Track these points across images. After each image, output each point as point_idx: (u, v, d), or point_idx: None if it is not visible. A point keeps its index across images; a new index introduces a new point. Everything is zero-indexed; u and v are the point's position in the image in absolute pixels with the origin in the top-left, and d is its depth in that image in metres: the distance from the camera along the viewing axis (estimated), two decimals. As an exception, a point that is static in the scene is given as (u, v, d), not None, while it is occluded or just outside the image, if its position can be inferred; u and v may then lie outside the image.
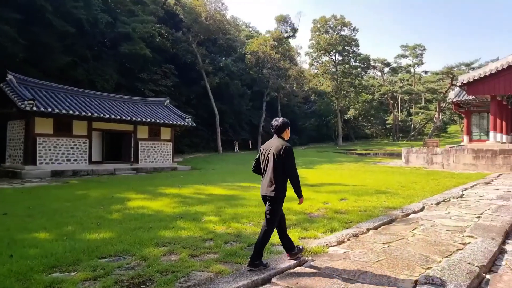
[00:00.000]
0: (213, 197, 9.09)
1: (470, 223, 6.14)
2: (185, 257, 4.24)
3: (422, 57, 62.57)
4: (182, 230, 5.52)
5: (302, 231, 5.49)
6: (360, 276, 3.68)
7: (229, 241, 5.00)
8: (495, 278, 3.82)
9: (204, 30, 37.97)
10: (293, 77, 47.11)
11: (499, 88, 18.51)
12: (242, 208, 7.34)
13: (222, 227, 5.80)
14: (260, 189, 4.20)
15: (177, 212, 7.09)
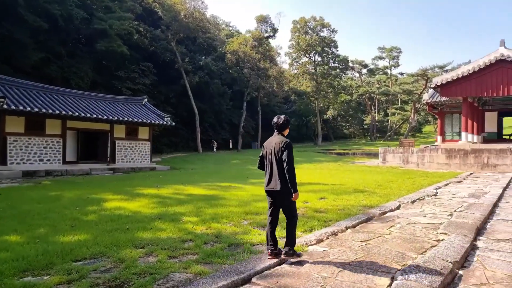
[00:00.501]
0: (193, 197, 8.99)
1: (443, 220, 6.34)
2: (164, 258, 4.17)
3: (398, 59, 64.30)
4: (160, 231, 5.43)
5: (282, 230, 5.48)
6: (339, 274, 3.72)
7: (209, 241, 4.95)
8: (467, 274, 3.95)
9: (184, 28, 37.55)
10: (273, 77, 47.30)
11: (470, 90, 19.24)
12: (222, 208, 7.29)
13: (202, 227, 5.74)
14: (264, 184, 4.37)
15: (155, 212, 6.96)
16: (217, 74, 42.81)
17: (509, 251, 4.70)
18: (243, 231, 5.46)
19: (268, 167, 4.29)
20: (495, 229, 6.01)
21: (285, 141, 4.14)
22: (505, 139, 24.83)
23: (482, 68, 18.49)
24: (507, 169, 17.22)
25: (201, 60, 40.89)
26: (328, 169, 19.89)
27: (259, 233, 5.39)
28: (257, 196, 9.15)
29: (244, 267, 3.81)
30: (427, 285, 3.34)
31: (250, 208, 7.33)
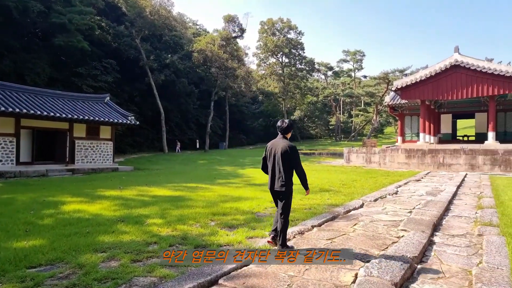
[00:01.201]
0: (158, 199, 8.76)
1: (403, 217, 6.62)
2: (127, 262, 4.02)
3: (362, 62, 66.68)
4: (123, 234, 5.23)
5: (250, 231, 5.49)
6: (305, 273, 3.76)
7: (175, 243, 4.84)
8: (425, 268, 4.14)
9: (149, 25, 36.59)
10: (241, 77, 47.29)
11: (427, 93, 20.30)
12: (188, 209, 7.16)
13: (167, 229, 5.60)
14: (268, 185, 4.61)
15: (118, 215, 6.70)
16: (184, 73, 42.11)
17: (463, 246, 4.99)
18: (210, 232, 5.39)
19: (271, 169, 4.50)
20: (450, 225, 6.37)
21: (291, 145, 4.39)
22: (459, 140, 26.47)
23: (438, 72, 19.58)
24: (460, 168, 18.35)
25: (167, 58, 40.00)
26: (294, 169, 20.17)
27: (226, 234, 5.34)
28: (224, 196, 9.09)
29: (211, 269, 3.76)
30: (388, 280, 3.46)
31: (217, 209, 7.26)
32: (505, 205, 7.83)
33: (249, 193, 9.69)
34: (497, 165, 17.47)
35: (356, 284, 3.40)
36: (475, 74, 18.48)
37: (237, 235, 5.19)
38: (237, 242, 4.87)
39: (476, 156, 18.07)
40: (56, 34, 27.18)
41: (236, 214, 6.82)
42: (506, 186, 11.28)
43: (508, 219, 6.34)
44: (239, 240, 4.92)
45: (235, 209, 7.23)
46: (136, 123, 22.75)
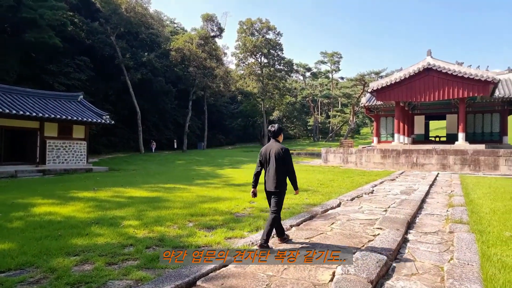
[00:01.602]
0: (134, 200, 8.57)
1: (379, 216, 6.77)
2: (101, 265, 3.90)
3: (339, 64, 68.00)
4: (97, 237, 5.08)
5: (229, 231, 5.47)
6: (284, 272, 3.78)
7: (151, 245, 4.75)
8: (399, 265, 4.25)
9: (125, 22, 35.75)
10: (219, 77, 47.03)
11: (402, 95, 20.90)
12: (166, 211, 7.04)
13: (144, 231, 5.48)
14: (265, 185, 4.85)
15: (92, 217, 6.50)
16: (161, 72, 41.41)
17: (435, 243, 5.16)
18: (188, 234, 5.32)
19: (266, 171, 4.80)
20: (423, 222, 6.57)
21: (284, 148, 4.71)
22: (431, 140, 27.38)
23: (412, 75, 20.19)
24: (432, 167, 19.00)
25: (144, 56, 39.22)
26: (273, 169, 20.25)
27: (204, 235, 5.29)
28: (202, 197, 9.00)
29: (189, 270, 3.71)
30: (364, 278, 3.53)
31: (195, 209, 7.18)
32: (474, 203, 8.17)
33: (227, 194, 9.64)
34: (467, 165, 18.21)
35: (333, 282, 3.44)
36: (446, 77, 19.18)
37: (215, 236, 5.15)
38: (216, 243, 4.83)
39: (447, 156, 18.76)
40: (27, 30, 26.08)
41: (215, 214, 6.77)
42: (475, 185, 11.77)
43: (477, 216, 6.61)
44: (217, 241, 4.88)
45: (214, 210, 7.18)
46: (111, 122, 22.17)
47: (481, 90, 18.46)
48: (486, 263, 4.01)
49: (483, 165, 17.82)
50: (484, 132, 24.00)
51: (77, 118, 19.64)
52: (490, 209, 7.34)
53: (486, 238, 5.06)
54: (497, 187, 11.01)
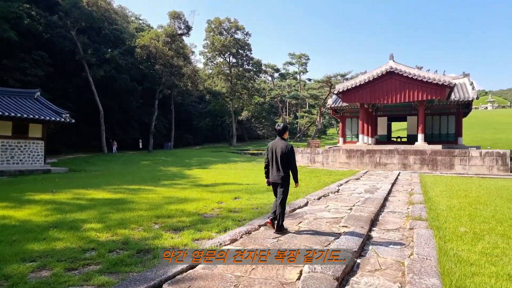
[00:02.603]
0: (96, 202, 8.21)
1: (344, 214, 6.95)
2: (60, 271, 3.71)
3: (306, 65, 69.24)
4: (56, 241, 4.81)
5: (196, 233, 5.38)
6: (252, 272, 3.77)
7: (115, 249, 4.57)
8: (363, 262, 4.38)
9: (86, 17, 34.24)
10: (187, 76, 46.29)
11: (366, 97, 21.63)
12: (130, 213, 6.81)
13: (107, 234, 5.27)
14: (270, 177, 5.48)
15: (50, 221, 6.15)
16: (126, 69, 40.07)
17: (396, 239, 5.37)
18: (154, 236, 5.17)
19: (271, 164, 5.39)
20: (385, 220, 6.83)
21: (288, 145, 5.28)
22: (393, 141, 28.56)
23: (375, 78, 20.96)
24: (394, 167, 19.83)
25: (107, 52, 37.76)
26: (242, 169, 20.27)
27: (171, 237, 5.17)
28: (169, 198, 8.81)
29: (155, 273, 3.60)
30: (330, 275, 3.59)
31: (162, 211, 7.00)
32: (432, 200, 8.61)
33: (195, 194, 9.50)
34: (426, 164, 19.18)
35: (301, 281, 3.48)
36: (407, 80, 20.09)
37: (182, 238, 5.05)
38: (183, 244, 4.73)
39: (408, 156, 19.66)
40: (-23, 21, 24.32)
41: (182, 216, 6.64)
42: (433, 183, 12.41)
43: (435, 213, 6.97)
44: (184, 243, 4.79)
45: (181, 211, 7.04)
46: (71, 121, 21.17)
47: (439, 93, 19.50)
48: (443, 257, 4.23)
49: (440, 164, 18.85)
50: (441, 133, 25.40)
51: (34, 117, 18.56)
52: (447, 206, 7.77)
53: (443, 234, 5.33)
54: (452, 185, 11.69)
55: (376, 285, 3.64)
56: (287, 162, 5.24)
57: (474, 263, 4.05)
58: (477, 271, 3.80)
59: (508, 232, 5.45)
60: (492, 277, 3.61)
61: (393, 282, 3.69)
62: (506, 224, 6.02)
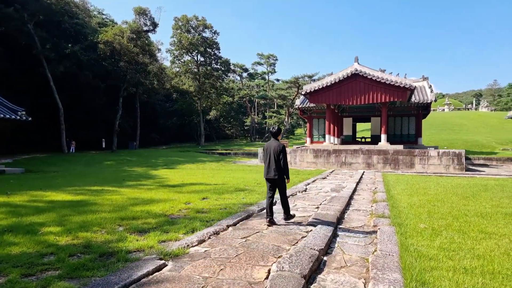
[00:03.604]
0: (55, 204, 7.80)
1: (311, 213, 7.08)
2: (16, 277, 3.49)
3: (275, 66, 69.86)
4: (11, 246, 4.52)
5: (163, 234, 5.25)
6: (220, 273, 3.74)
7: (76, 253, 4.36)
8: (330, 259, 4.48)
9: (45, 10, 32.40)
10: (153, 73, 45.10)
11: (332, 98, 22.18)
12: (92, 215, 6.52)
13: (67, 238, 5.01)
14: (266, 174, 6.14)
15: (4, 224, 5.76)
16: (88, 66, 38.35)
17: (361, 237, 5.54)
18: (118, 239, 4.99)
19: (267, 162, 6.06)
20: (351, 218, 7.03)
21: (281, 145, 5.98)
22: (358, 141, 29.51)
23: (341, 79, 21.54)
24: (359, 166, 20.49)
25: (68, 48, 35.97)
26: (210, 169, 20.08)
27: (136, 239, 5.01)
28: (134, 199, 8.54)
29: (119, 277, 3.47)
30: (298, 273, 3.64)
31: (126, 213, 6.77)
32: (395, 198, 8.97)
33: (162, 195, 9.28)
34: (388, 164, 19.98)
35: (269, 280, 3.49)
36: (371, 82, 20.83)
37: (148, 240, 4.91)
38: (149, 247, 4.60)
39: (372, 155, 20.38)
40: None
41: (148, 217, 6.46)
42: (395, 182, 12.95)
43: (397, 210, 7.26)
44: (150, 245, 4.66)
45: (147, 212, 6.85)
46: (28, 119, 19.96)
47: (400, 95, 20.39)
48: (404, 253, 4.41)
49: (401, 163, 19.71)
50: (403, 133, 26.59)
51: (-14, 114, 17.31)
52: (408, 203, 8.13)
53: (404, 230, 5.57)
54: (413, 184, 12.25)
55: (342, 281, 3.73)
56: (279, 160, 5.91)
57: (433, 257, 4.26)
58: (436, 265, 4.00)
59: (464, 228, 5.80)
60: (449, 271, 3.81)
61: (358, 278, 3.80)
62: (461, 220, 6.40)
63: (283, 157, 5.90)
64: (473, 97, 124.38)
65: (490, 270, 3.85)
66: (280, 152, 5.92)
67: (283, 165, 5.90)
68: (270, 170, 5.99)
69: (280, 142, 6.05)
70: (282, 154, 5.91)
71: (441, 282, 3.49)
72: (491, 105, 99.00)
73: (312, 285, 3.64)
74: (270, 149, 6.04)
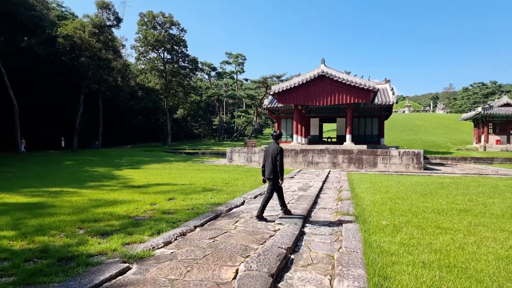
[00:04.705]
0: (9, 207, 7.31)
1: (279, 212, 7.14)
2: (-38, 288, 3.21)
3: (243, 65, 69.69)
4: (-44, 254, 4.17)
5: (127, 237, 5.07)
6: (187, 275, 3.67)
7: (32, 258, 4.12)
8: (297, 257, 4.54)
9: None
10: (117, 70, 43.51)
11: (299, 99, 22.53)
12: (50, 218, 6.18)
13: (22, 242, 4.72)
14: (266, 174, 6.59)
15: (-51, 230, 5.31)
16: (46, 60, 36.28)
17: (327, 234, 5.67)
18: (78, 242, 4.76)
19: (266, 163, 6.52)
20: (317, 216, 7.17)
21: (279, 148, 6.46)
22: (324, 141, 30.21)
23: (308, 81, 21.94)
24: (325, 165, 20.97)
25: (24, 41, 33.88)
26: (177, 169, 19.71)
27: (98, 242, 4.80)
28: (96, 201, 8.20)
29: (79, 282, 3.31)
30: (266, 272, 3.65)
31: (87, 215, 6.48)
32: (359, 196, 9.27)
33: (126, 196, 8.98)
34: (353, 163, 20.61)
35: (237, 280, 3.48)
36: (337, 84, 21.38)
37: (111, 243, 4.73)
38: (111, 250, 4.43)
39: (337, 155, 20.94)
40: None
41: (111, 219, 6.22)
42: (359, 181, 13.38)
43: (361, 208, 7.50)
44: (113, 248, 4.49)
45: (109, 214, 6.59)
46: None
47: (365, 97, 21.10)
48: (368, 249, 4.56)
49: (365, 163, 20.41)
50: (366, 134, 27.55)
51: None
52: (371, 201, 8.42)
53: (368, 227, 5.76)
54: (376, 182, 12.72)
55: (308, 279, 3.79)
56: (276, 161, 6.35)
57: (394, 253, 4.44)
58: (397, 260, 4.17)
59: (422, 224, 6.09)
60: (409, 265, 3.99)
61: (324, 275, 3.87)
62: (420, 216, 6.72)
63: (279, 159, 6.33)
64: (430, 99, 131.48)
65: (446, 263, 4.07)
66: (277, 155, 6.36)
67: (278, 166, 6.32)
68: (268, 170, 6.47)
69: (279, 145, 6.53)
70: (279, 156, 6.34)
71: (402, 276, 3.64)
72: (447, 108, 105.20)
73: (279, 283, 3.67)
74: (269, 151, 6.52)
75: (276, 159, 6.35)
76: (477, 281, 3.58)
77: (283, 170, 6.38)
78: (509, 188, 11.31)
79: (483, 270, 3.88)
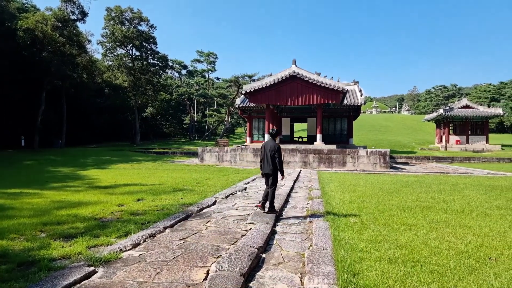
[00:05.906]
0: (-38, 210, 6.82)
1: (251, 211, 7.15)
2: None
3: (215, 64, 69.21)
4: None
5: (92, 239, 4.87)
6: (156, 277, 3.58)
7: (-13, 265, 3.84)
8: (268, 256, 4.55)
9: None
10: (82, 66, 41.78)
11: (271, 99, 22.67)
12: (9, 221, 5.83)
13: (-24, 248, 4.40)
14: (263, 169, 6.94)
15: None
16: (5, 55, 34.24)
17: (298, 233, 5.74)
18: (40, 246, 4.52)
19: (264, 160, 6.83)
20: (288, 215, 7.24)
21: (276, 145, 6.79)
22: (295, 140, 30.62)
23: (280, 81, 22.12)
24: (296, 165, 21.24)
25: (-20, 33, 31.79)
26: (146, 169, 19.24)
27: (61, 245, 4.58)
28: (59, 202, 7.83)
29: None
30: (237, 272, 3.64)
31: (50, 217, 6.17)
32: (328, 195, 9.46)
33: (91, 197, 8.64)
34: (323, 162, 21.02)
35: (207, 281, 3.43)
36: (308, 85, 21.71)
37: (75, 246, 4.53)
38: (76, 253, 4.24)
39: (308, 154, 21.27)
40: None
41: (75, 221, 5.96)
42: (329, 180, 13.67)
43: (331, 206, 7.66)
44: (78, 251, 4.30)
45: (74, 216, 6.31)
46: None
47: (334, 98, 21.57)
48: (337, 246, 4.66)
49: (335, 162, 20.88)
50: (336, 134, 28.21)
51: None
52: (340, 200, 8.62)
53: (337, 225, 5.89)
54: (345, 181, 13.05)
55: (279, 277, 3.81)
56: (274, 158, 6.68)
57: (362, 249, 4.56)
58: (364, 256, 4.29)
59: (388, 221, 6.31)
60: (376, 261, 4.11)
61: (295, 273, 3.91)
62: (386, 214, 6.96)
63: (278, 156, 6.69)
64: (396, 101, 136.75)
65: (410, 258, 4.24)
66: (275, 152, 6.70)
67: (277, 162, 6.68)
68: (265, 166, 6.78)
69: (276, 143, 6.82)
70: (277, 153, 6.70)
71: (369, 272, 3.75)
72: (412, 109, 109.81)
73: (251, 282, 3.67)
74: (267, 148, 6.81)
75: (274, 156, 6.68)
76: (439, 274, 3.75)
77: (282, 167, 6.74)
78: (468, 186, 11.98)
79: (444, 264, 4.08)
